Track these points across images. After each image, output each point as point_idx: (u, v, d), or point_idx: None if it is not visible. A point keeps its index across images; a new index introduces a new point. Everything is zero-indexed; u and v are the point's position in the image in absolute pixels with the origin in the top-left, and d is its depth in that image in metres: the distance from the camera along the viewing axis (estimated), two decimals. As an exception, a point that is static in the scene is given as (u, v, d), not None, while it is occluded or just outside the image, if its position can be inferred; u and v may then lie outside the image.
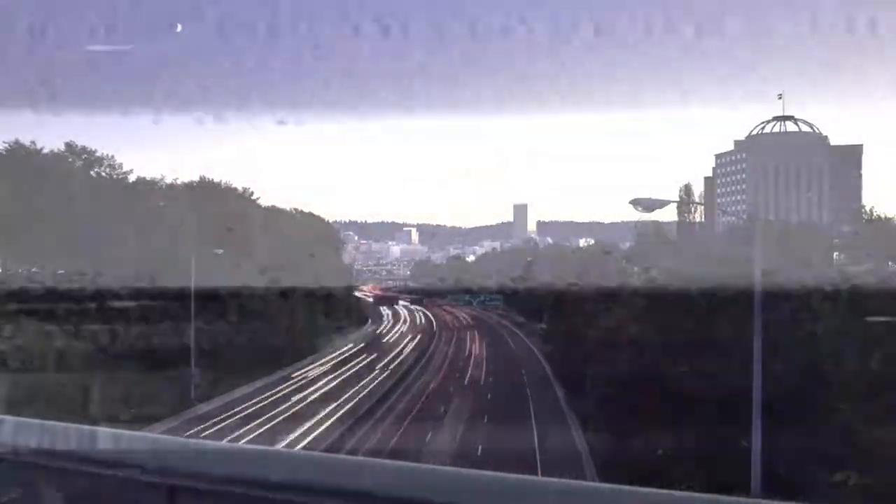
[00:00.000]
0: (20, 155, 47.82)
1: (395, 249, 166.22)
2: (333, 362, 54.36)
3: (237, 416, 35.92)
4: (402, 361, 57.08)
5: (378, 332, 77.29)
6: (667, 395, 28.80)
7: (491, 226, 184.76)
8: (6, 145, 48.18)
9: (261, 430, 33.62)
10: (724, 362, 26.25)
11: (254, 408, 38.08)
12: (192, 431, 31.65)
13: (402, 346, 66.06)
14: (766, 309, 17.78)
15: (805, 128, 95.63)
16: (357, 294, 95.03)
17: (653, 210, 15.01)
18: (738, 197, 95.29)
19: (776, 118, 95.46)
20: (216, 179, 64.68)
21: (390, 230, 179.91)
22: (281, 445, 29.43)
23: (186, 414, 35.94)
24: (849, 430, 22.08)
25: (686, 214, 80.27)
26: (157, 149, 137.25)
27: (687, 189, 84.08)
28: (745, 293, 20.46)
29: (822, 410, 23.68)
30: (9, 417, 2.54)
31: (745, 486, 18.11)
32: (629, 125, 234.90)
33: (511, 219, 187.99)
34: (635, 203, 14.49)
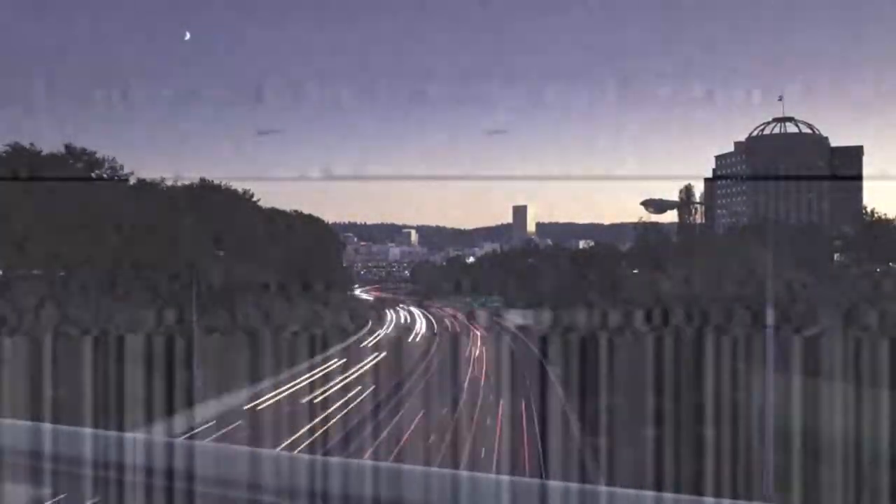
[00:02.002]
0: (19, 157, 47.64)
1: (395, 251, 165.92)
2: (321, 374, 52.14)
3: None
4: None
5: (377, 335, 76.19)
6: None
7: (490, 227, 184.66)
8: (6, 147, 48.03)
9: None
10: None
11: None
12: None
13: (402, 351, 65.49)
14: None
15: (805, 129, 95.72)
16: (356, 296, 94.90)
17: (664, 211, 14.95)
18: (739, 198, 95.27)
19: (776, 119, 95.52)
20: (216, 181, 64.49)
21: (390, 232, 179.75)
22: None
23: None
24: None
25: (687, 216, 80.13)
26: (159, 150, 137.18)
27: (687, 190, 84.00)
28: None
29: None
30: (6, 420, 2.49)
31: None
32: (629, 126, 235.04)
33: (510, 220, 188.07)
34: (646, 204, 14.37)
